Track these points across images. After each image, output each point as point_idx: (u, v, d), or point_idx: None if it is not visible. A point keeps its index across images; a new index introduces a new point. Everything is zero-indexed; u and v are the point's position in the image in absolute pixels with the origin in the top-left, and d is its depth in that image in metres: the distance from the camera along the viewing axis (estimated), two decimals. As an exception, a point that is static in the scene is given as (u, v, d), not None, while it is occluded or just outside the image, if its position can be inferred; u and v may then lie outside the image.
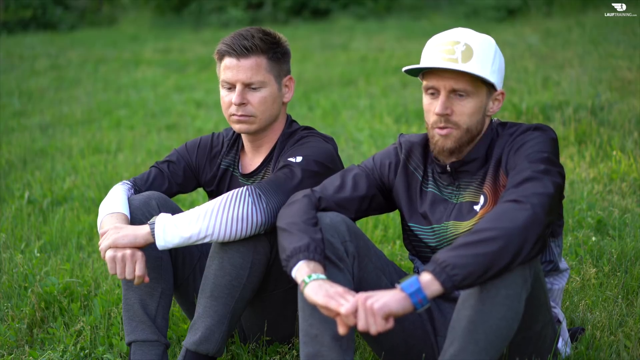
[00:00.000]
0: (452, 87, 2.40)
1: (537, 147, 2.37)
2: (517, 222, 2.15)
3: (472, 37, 2.42)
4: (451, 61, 2.37)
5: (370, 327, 2.12)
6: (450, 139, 2.44)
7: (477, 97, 2.42)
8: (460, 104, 2.41)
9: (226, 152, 2.94)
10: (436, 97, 2.43)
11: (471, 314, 2.17)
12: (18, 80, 9.73)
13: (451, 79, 2.39)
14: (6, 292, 3.44)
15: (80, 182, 5.16)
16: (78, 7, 18.02)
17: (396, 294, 2.13)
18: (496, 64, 2.43)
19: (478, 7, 13.60)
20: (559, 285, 2.61)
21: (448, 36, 2.43)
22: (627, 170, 4.58)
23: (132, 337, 2.67)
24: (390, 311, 2.12)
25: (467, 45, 2.39)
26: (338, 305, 2.16)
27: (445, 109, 2.41)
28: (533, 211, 2.18)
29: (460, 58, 2.37)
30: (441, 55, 2.39)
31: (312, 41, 12.22)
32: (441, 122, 2.43)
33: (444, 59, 2.38)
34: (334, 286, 2.22)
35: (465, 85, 2.39)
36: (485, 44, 2.42)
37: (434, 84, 2.42)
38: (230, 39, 2.75)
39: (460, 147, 2.46)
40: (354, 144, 5.94)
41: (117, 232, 2.57)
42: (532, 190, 2.23)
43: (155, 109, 7.88)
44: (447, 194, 2.55)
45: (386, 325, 2.13)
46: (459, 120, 2.42)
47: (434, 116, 2.44)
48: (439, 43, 2.43)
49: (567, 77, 7.21)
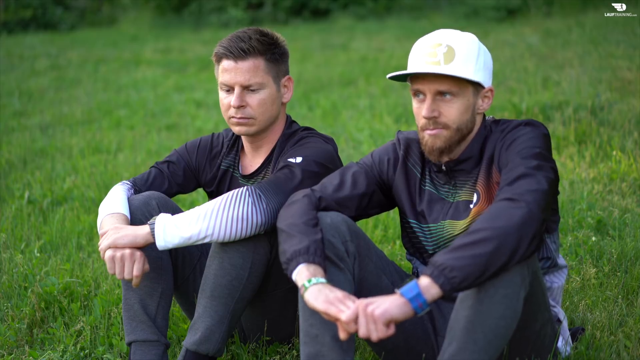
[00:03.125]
0: (436, 90, 2.41)
1: (529, 143, 2.37)
2: (513, 220, 2.15)
3: (454, 38, 2.42)
4: (434, 64, 2.38)
5: (371, 334, 2.12)
6: (439, 138, 2.44)
7: (464, 97, 2.42)
8: (446, 105, 2.42)
9: (226, 152, 2.94)
10: (423, 100, 2.44)
11: (470, 314, 2.18)
12: (18, 80, 9.72)
13: (435, 81, 2.40)
14: (6, 292, 3.44)
15: (80, 182, 5.15)
16: (78, 7, 18.00)
17: (396, 300, 2.13)
18: (480, 61, 2.42)
19: (478, 7, 13.59)
20: (558, 284, 2.61)
21: (431, 39, 2.44)
22: (627, 170, 4.57)
23: (132, 337, 2.67)
24: (392, 317, 2.12)
25: (449, 47, 2.39)
26: (338, 312, 2.16)
27: (432, 111, 2.41)
28: (528, 209, 2.18)
29: (443, 60, 2.38)
30: (424, 59, 2.40)
31: (312, 41, 12.21)
32: (430, 124, 2.43)
33: (427, 63, 2.39)
34: (334, 291, 2.22)
35: (449, 87, 2.40)
36: (467, 43, 2.42)
37: (419, 87, 2.43)
38: (228, 41, 2.75)
39: (450, 147, 2.46)
40: (354, 144, 5.94)
41: (117, 232, 2.57)
42: (526, 187, 2.23)
43: (155, 109, 7.87)
44: (443, 192, 2.55)
45: (387, 331, 2.13)
46: (448, 121, 2.42)
47: (423, 119, 2.44)
48: (422, 47, 2.43)
49: (567, 77, 7.20)
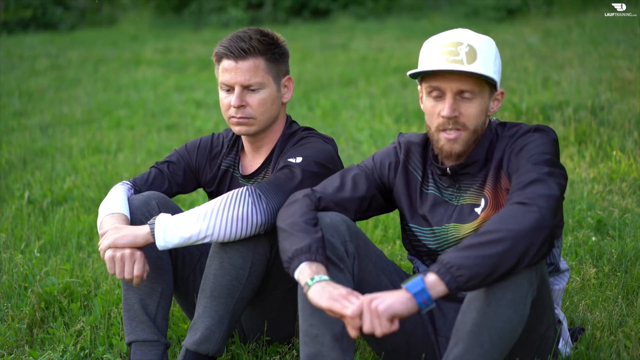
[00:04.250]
0: (459, 89, 2.38)
1: (539, 149, 2.36)
2: (524, 224, 2.14)
3: (474, 38, 2.41)
4: (456, 62, 2.35)
5: (375, 329, 2.12)
6: (458, 142, 2.42)
7: (482, 98, 2.41)
8: (466, 105, 2.39)
9: (226, 152, 2.94)
10: (441, 100, 2.41)
11: (476, 317, 2.17)
12: (18, 80, 9.72)
13: (457, 80, 2.37)
14: (6, 292, 3.44)
15: (80, 182, 5.15)
16: (78, 7, 17.98)
17: (401, 295, 2.13)
18: (497, 64, 2.42)
19: (478, 7, 13.59)
20: (559, 286, 2.61)
21: (449, 37, 2.42)
22: (627, 170, 4.57)
23: (132, 337, 2.67)
24: (395, 312, 2.12)
25: (471, 46, 2.38)
26: (342, 308, 2.15)
27: (453, 111, 2.39)
28: (540, 214, 2.16)
29: (465, 59, 2.35)
30: (444, 57, 2.37)
31: (312, 41, 12.21)
32: (449, 124, 2.40)
33: (448, 61, 2.36)
34: (337, 287, 2.22)
35: (471, 86, 2.38)
36: (486, 44, 2.42)
37: (439, 85, 2.39)
38: (228, 41, 2.75)
39: (467, 150, 2.45)
40: (354, 144, 5.94)
41: (117, 232, 2.57)
42: (539, 192, 2.22)
43: (155, 109, 7.87)
44: (447, 195, 2.54)
45: (391, 327, 2.12)
46: (467, 121, 2.40)
47: (440, 118, 2.41)
48: (440, 45, 2.40)
49: (567, 77, 7.20)
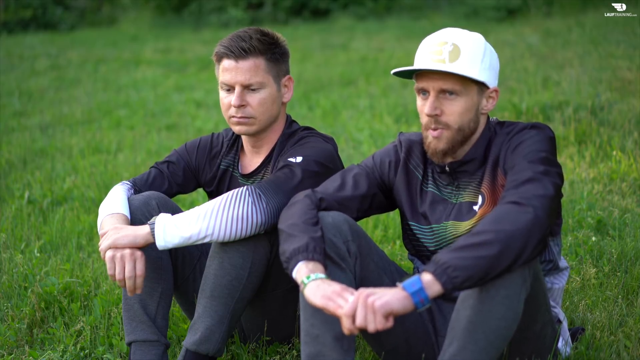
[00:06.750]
0: (440, 88, 2.40)
1: (535, 147, 2.36)
2: (519, 224, 2.14)
3: (460, 37, 2.42)
4: (439, 62, 2.38)
5: (369, 324, 2.11)
6: (442, 140, 2.44)
7: (467, 96, 2.42)
8: (449, 103, 2.41)
9: (226, 152, 2.94)
10: (427, 98, 2.44)
11: (470, 314, 2.17)
12: (18, 80, 9.72)
13: (439, 79, 2.40)
14: (6, 292, 3.44)
15: (80, 182, 5.15)
16: (78, 7, 17.99)
17: (398, 293, 2.13)
18: (486, 61, 2.42)
19: (478, 7, 13.59)
20: (559, 285, 2.61)
21: (437, 37, 2.45)
22: (627, 170, 4.57)
23: (132, 337, 2.67)
24: (392, 310, 2.11)
25: (455, 45, 2.39)
26: (336, 307, 2.15)
27: (434, 109, 2.41)
28: (535, 214, 2.16)
29: (448, 58, 2.38)
30: (430, 56, 2.40)
31: (312, 41, 12.21)
32: (432, 123, 2.43)
33: (432, 60, 2.39)
34: (332, 285, 2.21)
35: (453, 85, 2.40)
36: (473, 42, 2.42)
37: (423, 85, 2.43)
38: (228, 40, 2.75)
39: (453, 148, 2.46)
40: (354, 144, 5.94)
41: (117, 232, 2.57)
42: (533, 192, 2.22)
43: (155, 109, 7.87)
44: (446, 193, 2.55)
45: (386, 324, 2.12)
46: (449, 120, 2.42)
47: (425, 117, 2.44)
48: (428, 44, 2.44)
49: (567, 77, 7.20)
